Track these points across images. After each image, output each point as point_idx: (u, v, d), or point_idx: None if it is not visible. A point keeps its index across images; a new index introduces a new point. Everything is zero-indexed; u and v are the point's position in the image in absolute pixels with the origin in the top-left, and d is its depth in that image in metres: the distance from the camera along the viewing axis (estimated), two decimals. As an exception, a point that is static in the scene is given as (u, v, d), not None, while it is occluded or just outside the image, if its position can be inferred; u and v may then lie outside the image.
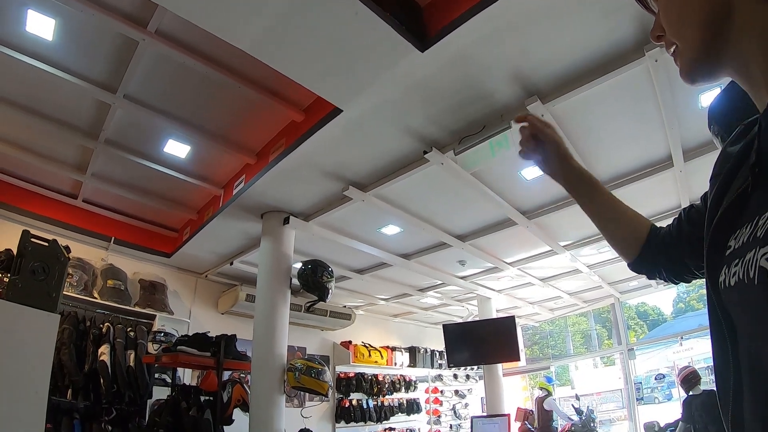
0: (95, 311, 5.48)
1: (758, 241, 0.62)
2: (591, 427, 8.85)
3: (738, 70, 0.74)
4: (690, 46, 0.76)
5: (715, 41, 0.72)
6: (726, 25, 0.70)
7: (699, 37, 0.74)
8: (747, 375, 0.67)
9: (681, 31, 0.78)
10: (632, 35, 3.34)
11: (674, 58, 0.81)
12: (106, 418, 4.89)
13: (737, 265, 0.66)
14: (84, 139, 4.56)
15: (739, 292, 0.66)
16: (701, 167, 4.89)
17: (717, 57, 0.74)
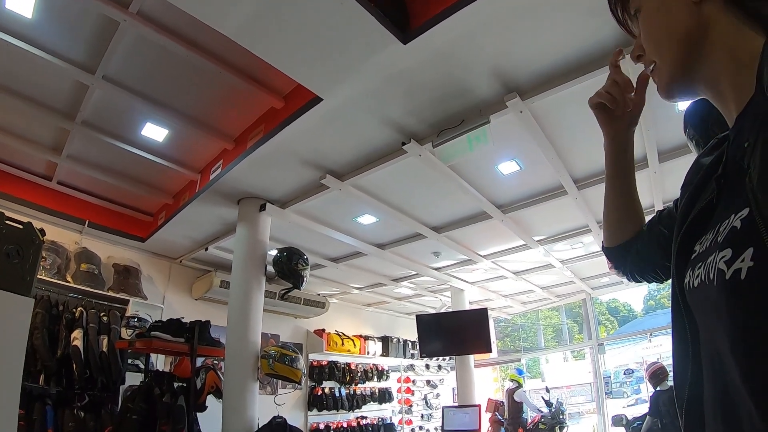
0: (68, 295, 5.39)
1: (717, 246, 0.67)
2: (560, 419, 9.00)
3: (710, 87, 0.81)
4: (668, 63, 0.84)
5: (690, 60, 0.80)
6: (700, 45, 0.77)
7: (676, 56, 0.82)
8: (708, 371, 0.71)
9: (660, 50, 0.85)
10: (613, 37, 3.37)
11: (652, 76, 0.90)
12: (78, 404, 4.83)
13: (700, 268, 0.71)
14: (60, 119, 4.48)
15: (701, 293, 0.71)
16: (675, 169, 5.00)
17: (692, 74, 0.82)
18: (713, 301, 0.66)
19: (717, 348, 0.67)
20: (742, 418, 0.61)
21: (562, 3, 3.07)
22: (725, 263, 0.63)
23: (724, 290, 0.63)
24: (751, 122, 0.67)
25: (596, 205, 6.01)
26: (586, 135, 4.56)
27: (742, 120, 0.72)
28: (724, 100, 0.78)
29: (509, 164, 5.00)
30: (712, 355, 0.70)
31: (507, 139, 4.45)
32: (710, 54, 0.77)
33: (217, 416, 4.62)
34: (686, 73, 0.82)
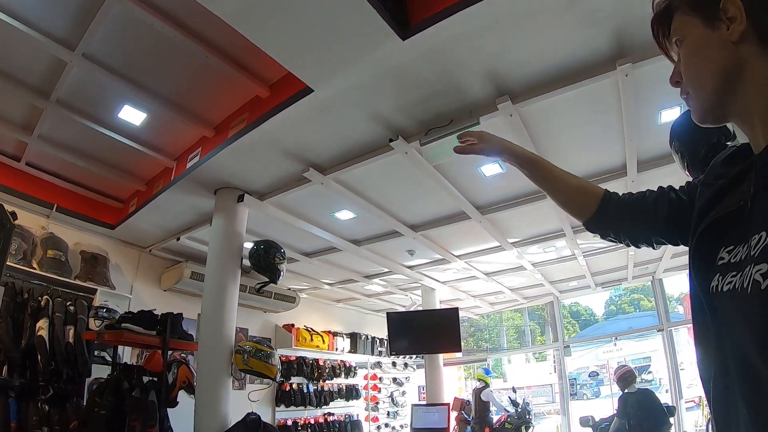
0: (33, 283, 5.17)
1: (752, 259, 0.74)
2: (526, 419, 9.09)
3: (741, 118, 0.89)
4: (705, 95, 0.91)
5: (725, 93, 0.87)
6: (735, 81, 0.85)
7: (713, 89, 0.88)
8: (733, 366, 0.78)
9: (698, 82, 0.92)
10: (607, 48, 3.42)
11: (686, 101, 0.96)
12: (42, 396, 4.62)
13: (734, 276, 0.78)
14: (34, 97, 4.26)
15: (732, 298, 0.78)
16: (652, 179, 5.07)
17: (726, 106, 0.89)
18: (746, 306, 0.74)
19: (743, 347, 0.75)
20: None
21: (560, 10, 3.07)
22: (761, 275, 0.70)
23: (758, 298, 0.70)
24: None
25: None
26: (569, 142, 4.63)
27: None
28: (753, 130, 0.86)
29: (492, 166, 4.99)
30: (738, 353, 0.77)
31: (493, 141, 4.43)
32: (744, 90, 0.84)
33: (188, 412, 4.50)
34: (721, 105, 0.89)
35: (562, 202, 1.46)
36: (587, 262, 8.61)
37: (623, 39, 3.33)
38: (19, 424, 4.35)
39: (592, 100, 3.98)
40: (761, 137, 0.83)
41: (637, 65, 3.40)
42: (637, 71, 3.45)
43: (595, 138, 4.60)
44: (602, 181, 5.22)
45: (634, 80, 3.54)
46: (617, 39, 3.33)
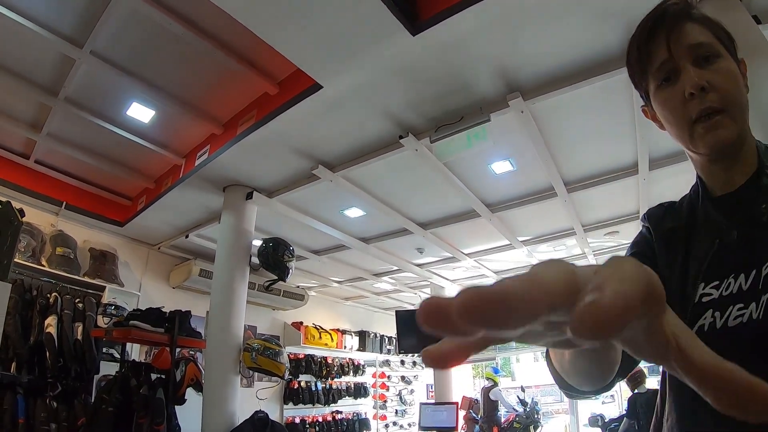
0: (42, 280, 5.18)
1: (763, 290, 0.73)
2: (535, 418, 9.04)
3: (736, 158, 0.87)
4: (742, 123, 0.85)
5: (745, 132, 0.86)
6: None
7: (746, 120, 0.86)
8: None
9: (740, 108, 0.85)
10: (619, 44, 3.34)
11: (711, 115, 0.83)
12: (51, 393, 4.62)
13: (743, 309, 0.76)
14: (43, 95, 4.26)
15: (741, 331, 0.75)
16: (664, 177, 5.04)
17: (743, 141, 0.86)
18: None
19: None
20: None
21: (572, 6, 3.04)
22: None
23: None
24: (755, 189, 0.82)
25: (583, 208, 6.04)
26: (581, 139, 4.56)
27: (745, 188, 0.85)
28: (731, 169, 0.87)
29: (503, 164, 4.96)
30: None
31: (504, 138, 4.41)
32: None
33: (196, 410, 4.49)
34: (743, 143, 0.86)
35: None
36: (597, 261, 8.52)
37: (636, 33, 3.27)
38: (27, 420, 4.35)
39: (603, 97, 3.92)
40: (739, 174, 0.86)
41: (650, 62, 3.33)
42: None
43: (607, 135, 4.53)
44: (614, 179, 5.18)
45: (646, 76, 3.47)
46: (629, 34, 3.24)
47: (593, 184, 5.31)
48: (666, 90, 0.89)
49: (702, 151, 0.87)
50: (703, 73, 0.85)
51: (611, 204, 6.07)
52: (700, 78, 0.83)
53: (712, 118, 0.83)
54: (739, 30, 2.91)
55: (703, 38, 0.87)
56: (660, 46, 0.90)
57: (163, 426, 4.05)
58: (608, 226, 6.68)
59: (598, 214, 6.39)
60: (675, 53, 0.87)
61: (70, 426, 4.59)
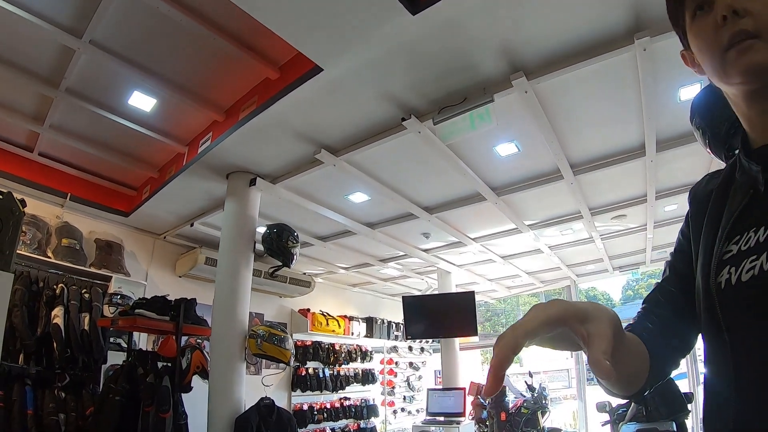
0: (48, 271, 5.19)
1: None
2: (543, 404, 9.02)
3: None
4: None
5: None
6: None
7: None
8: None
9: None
10: (624, 21, 3.30)
11: (745, 47, 0.77)
12: (59, 383, 4.63)
13: (755, 260, 0.74)
14: (43, 86, 4.24)
15: (759, 283, 0.72)
16: (672, 159, 5.00)
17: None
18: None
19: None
20: None
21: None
22: None
23: None
24: None
25: (590, 191, 5.99)
26: (587, 120, 4.51)
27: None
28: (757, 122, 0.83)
29: (508, 146, 4.90)
30: None
31: (508, 120, 4.34)
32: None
33: (202, 397, 4.50)
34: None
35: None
36: (605, 245, 8.50)
37: (641, 11, 3.21)
38: (36, 411, 4.36)
39: (609, 76, 3.86)
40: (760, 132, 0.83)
41: (656, 39, 3.27)
42: (656, 45, 3.32)
43: (613, 116, 4.47)
44: (620, 161, 5.11)
45: (652, 55, 3.41)
46: (635, 11, 3.21)
47: (600, 167, 5.25)
48: (700, 20, 0.84)
49: (735, 80, 0.81)
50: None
51: (618, 187, 6.02)
52: (734, 1, 0.77)
53: (744, 42, 0.77)
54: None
55: None
56: None
57: (169, 414, 4.06)
58: (616, 209, 6.63)
59: (605, 197, 6.33)
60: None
61: (79, 416, 4.60)
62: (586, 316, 0.67)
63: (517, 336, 0.63)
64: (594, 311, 0.69)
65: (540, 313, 0.66)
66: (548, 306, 0.68)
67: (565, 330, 0.68)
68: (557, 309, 0.67)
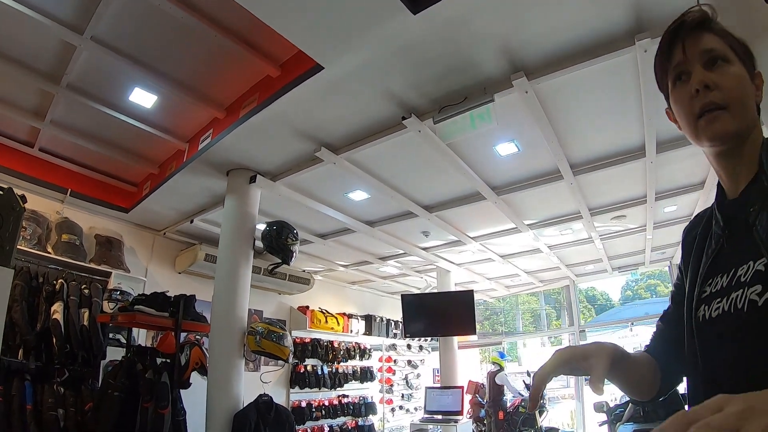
0: (48, 267, 5.18)
1: (745, 284, 0.88)
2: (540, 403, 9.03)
3: (733, 161, 1.01)
4: (745, 120, 0.97)
5: (749, 130, 0.99)
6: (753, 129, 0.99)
7: (751, 119, 0.98)
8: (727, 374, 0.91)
9: (743, 106, 0.98)
10: (625, 22, 3.30)
11: (712, 109, 0.97)
12: (58, 379, 4.62)
13: (720, 302, 0.94)
14: (44, 82, 4.24)
15: (722, 322, 0.93)
16: (672, 160, 5.01)
17: (746, 139, 0.98)
18: (742, 322, 0.87)
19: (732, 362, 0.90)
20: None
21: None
22: (757, 295, 0.84)
23: (758, 313, 0.84)
24: (755, 193, 0.93)
25: (590, 191, 6.00)
26: (587, 120, 4.51)
27: (746, 191, 0.97)
28: (733, 176, 1.01)
29: (508, 145, 4.91)
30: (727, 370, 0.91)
31: (508, 119, 4.34)
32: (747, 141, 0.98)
33: (201, 393, 4.51)
34: (746, 136, 0.98)
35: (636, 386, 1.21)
36: (604, 246, 8.51)
37: (642, 12, 3.22)
38: (35, 406, 4.36)
39: (610, 77, 3.86)
40: (743, 179, 0.99)
41: (657, 40, 3.25)
42: (657, 46, 3.32)
43: (613, 117, 4.47)
44: (620, 161, 5.12)
45: (653, 56, 3.39)
46: (636, 12, 3.22)
47: (600, 167, 5.25)
48: (679, 88, 1.04)
49: (705, 144, 1.00)
50: (710, 74, 0.98)
51: (618, 187, 6.03)
52: (706, 77, 0.98)
53: (712, 113, 0.96)
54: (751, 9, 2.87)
55: (716, 45, 1.01)
56: (677, 49, 1.05)
57: (167, 410, 4.06)
58: (615, 210, 6.64)
59: (604, 197, 6.34)
60: (689, 56, 1.02)
61: (78, 411, 4.60)
62: (587, 355, 0.97)
63: (542, 374, 0.97)
64: (594, 350, 0.97)
65: (556, 356, 0.98)
66: (563, 351, 1.00)
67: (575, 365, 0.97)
68: (568, 352, 0.99)
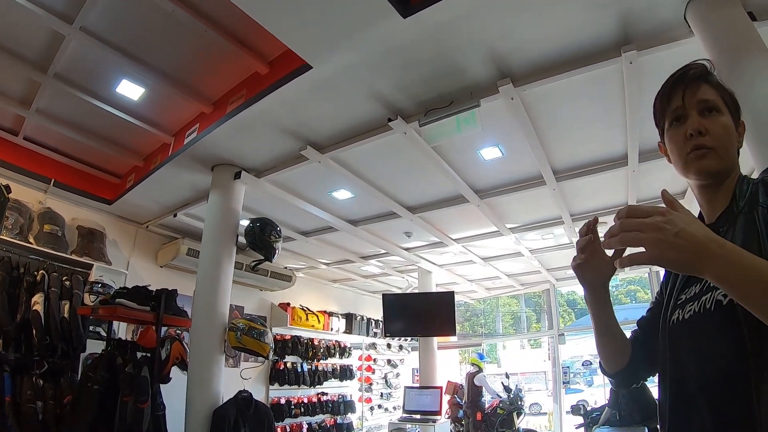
0: (30, 257, 5.12)
1: (713, 289, 1.02)
2: (518, 405, 9.14)
3: (713, 192, 1.19)
4: (727, 162, 1.15)
5: (730, 170, 1.16)
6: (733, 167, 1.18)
7: (731, 162, 1.16)
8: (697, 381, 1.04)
9: (727, 150, 1.16)
10: (613, 33, 3.38)
11: (700, 148, 1.15)
12: (37, 371, 4.57)
13: (692, 305, 1.09)
14: (32, 71, 4.21)
15: (693, 321, 1.08)
16: (653, 169, 5.10)
17: (725, 178, 1.17)
18: (709, 319, 1.02)
19: (704, 358, 1.04)
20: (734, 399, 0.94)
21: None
22: (723, 296, 0.99)
23: (723, 310, 0.98)
24: (726, 218, 1.12)
25: (572, 197, 6.08)
26: (571, 128, 4.59)
27: (720, 217, 1.15)
28: (711, 203, 1.19)
29: (492, 150, 4.96)
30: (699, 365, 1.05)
31: (493, 124, 4.41)
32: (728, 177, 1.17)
33: (181, 388, 4.50)
34: (726, 176, 1.16)
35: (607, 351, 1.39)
36: (584, 252, 8.57)
37: (629, 25, 3.29)
38: (14, 398, 4.31)
39: (595, 87, 3.94)
40: (720, 207, 1.16)
41: (642, 53, 3.37)
42: (642, 59, 3.41)
43: (597, 125, 4.55)
44: (603, 169, 5.21)
45: (638, 68, 3.49)
46: (623, 25, 3.29)
47: (582, 174, 5.33)
48: (675, 129, 1.21)
49: (692, 176, 1.18)
50: (703, 121, 1.16)
51: (600, 195, 6.12)
52: (700, 124, 1.15)
53: (701, 151, 1.14)
54: (735, 26, 2.94)
55: (711, 96, 1.18)
56: (677, 95, 1.20)
57: (147, 404, 4.05)
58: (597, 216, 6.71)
59: (586, 204, 6.43)
60: (686, 102, 1.18)
61: (57, 404, 4.56)
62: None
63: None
64: None
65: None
66: None
67: None
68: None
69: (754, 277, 0.81)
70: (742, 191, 1.12)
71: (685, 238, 0.85)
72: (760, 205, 1.04)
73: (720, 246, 0.85)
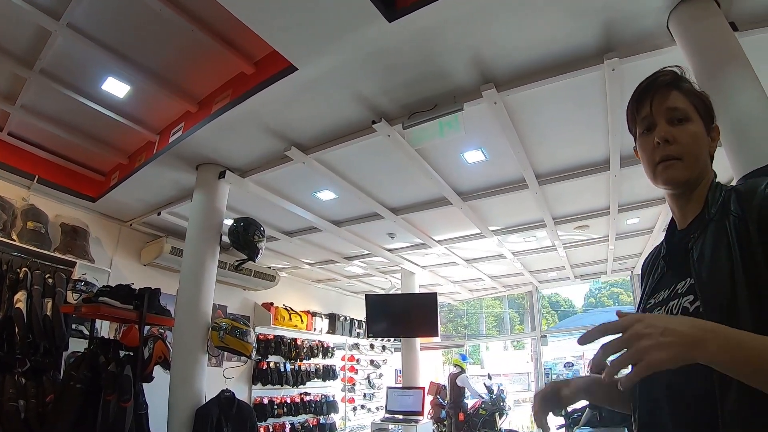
0: (12, 254, 5.10)
1: (680, 295, 1.10)
2: (500, 406, 9.21)
3: (684, 200, 1.20)
4: (696, 170, 1.16)
5: (699, 178, 1.17)
6: (704, 174, 1.18)
7: (700, 170, 1.16)
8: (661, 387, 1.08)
9: (696, 159, 1.16)
10: (595, 41, 3.45)
11: (668, 158, 1.16)
12: (19, 369, 4.55)
13: (660, 309, 1.15)
14: (17, 66, 4.19)
15: None
16: (634, 174, 5.17)
17: (695, 186, 1.17)
18: None
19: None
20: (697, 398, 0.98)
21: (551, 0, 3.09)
22: (689, 303, 1.05)
23: (689, 316, 1.02)
24: (697, 225, 1.14)
25: (554, 201, 6.16)
26: (553, 133, 4.66)
27: (692, 224, 1.17)
28: (683, 210, 1.21)
29: (475, 153, 5.02)
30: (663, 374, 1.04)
31: (476, 128, 4.46)
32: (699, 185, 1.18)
33: (163, 387, 4.51)
34: (695, 184, 1.17)
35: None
36: (567, 254, 8.71)
37: (612, 33, 3.37)
38: (-4, 396, 4.32)
39: (577, 93, 4.02)
40: (692, 214, 1.18)
41: (625, 60, 3.45)
42: (624, 66, 3.48)
43: (580, 131, 4.63)
44: (585, 174, 5.29)
45: (620, 75, 3.56)
46: (606, 33, 3.36)
47: (564, 178, 5.42)
48: (645, 137, 1.22)
49: (660, 186, 1.20)
50: (672, 129, 1.16)
51: (582, 198, 6.21)
52: (667, 132, 1.15)
53: (669, 161, 1.15)
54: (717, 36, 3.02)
55: (680, 104, 1.17)
56: (646, 104, 1.21)
57: (130, 403, 4.04)
58: (578, 219, 6.83)
59: (568, 207, 6.52)
60: (654, 111, 1.19)
61: (39, 402, 4.54)
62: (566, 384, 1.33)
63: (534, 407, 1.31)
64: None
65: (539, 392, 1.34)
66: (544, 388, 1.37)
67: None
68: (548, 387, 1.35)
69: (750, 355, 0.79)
70: (714, 198, 1.13)
71: (673, 335, 0.81)
72: (732, 214, 1.06)
73: (711, 331, 0.82)
